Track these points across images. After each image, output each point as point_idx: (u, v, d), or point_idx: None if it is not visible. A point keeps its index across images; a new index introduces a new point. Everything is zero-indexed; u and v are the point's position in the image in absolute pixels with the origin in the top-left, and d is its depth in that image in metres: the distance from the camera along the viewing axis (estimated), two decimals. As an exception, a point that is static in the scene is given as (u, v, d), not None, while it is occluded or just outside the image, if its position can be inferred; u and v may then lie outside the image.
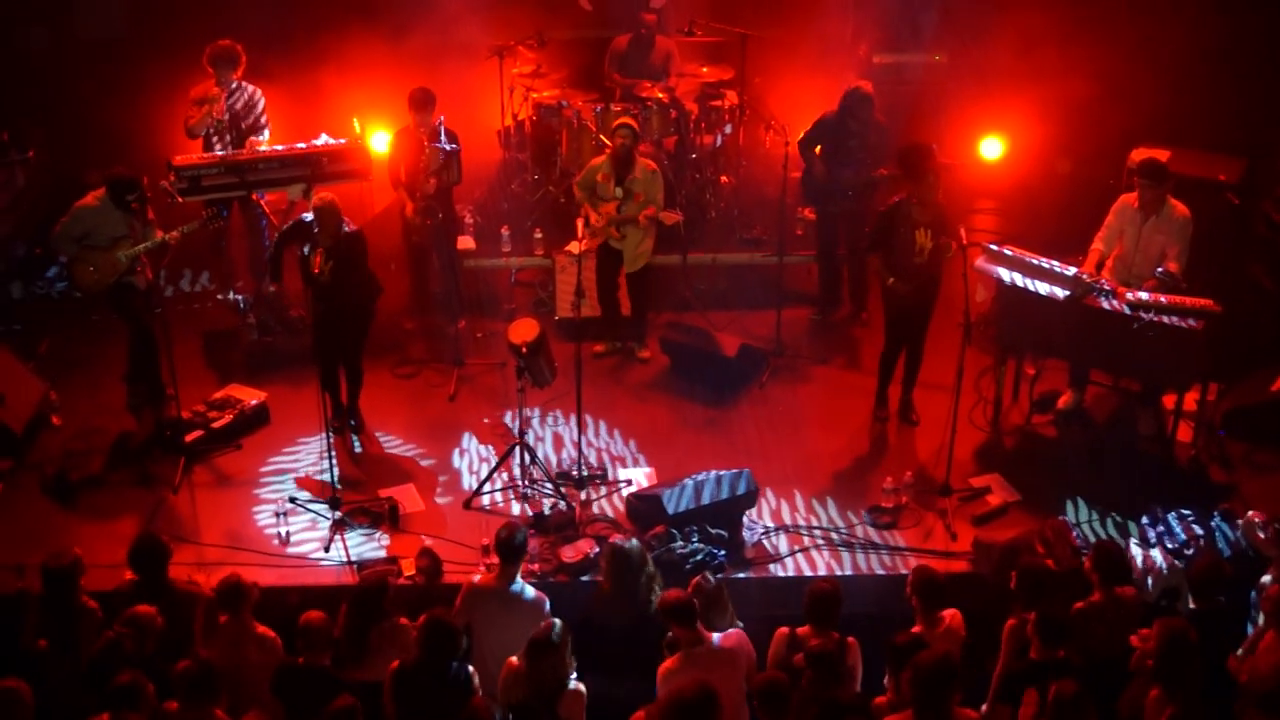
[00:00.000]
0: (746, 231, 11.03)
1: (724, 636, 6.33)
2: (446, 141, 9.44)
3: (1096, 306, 8.39)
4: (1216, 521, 7.83)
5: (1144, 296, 8.30)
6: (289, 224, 8.77)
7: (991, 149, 11.87)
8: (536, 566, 7.76)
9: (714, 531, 7.91)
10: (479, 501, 8.46)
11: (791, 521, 8.30)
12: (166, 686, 5.98)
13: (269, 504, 8.38)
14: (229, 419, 9.00)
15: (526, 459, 8.51)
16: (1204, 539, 7.62)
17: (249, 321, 10.00)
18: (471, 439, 9.08)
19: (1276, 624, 6.37)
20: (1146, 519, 7.98)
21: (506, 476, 8.61)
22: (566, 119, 10.87)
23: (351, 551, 7.96)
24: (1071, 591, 6.83)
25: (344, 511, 8.23)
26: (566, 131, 10.92)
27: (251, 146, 9.80)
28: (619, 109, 10.55)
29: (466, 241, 10.59)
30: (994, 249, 8.81)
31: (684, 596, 6.31)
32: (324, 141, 9.92)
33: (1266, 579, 6.83)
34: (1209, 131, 10.59)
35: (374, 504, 8.35)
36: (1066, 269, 8.53)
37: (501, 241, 10.69)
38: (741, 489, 8.13)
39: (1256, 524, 7.73)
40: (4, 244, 10.91)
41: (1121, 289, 8.42)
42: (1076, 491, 8.48)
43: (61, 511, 8.34)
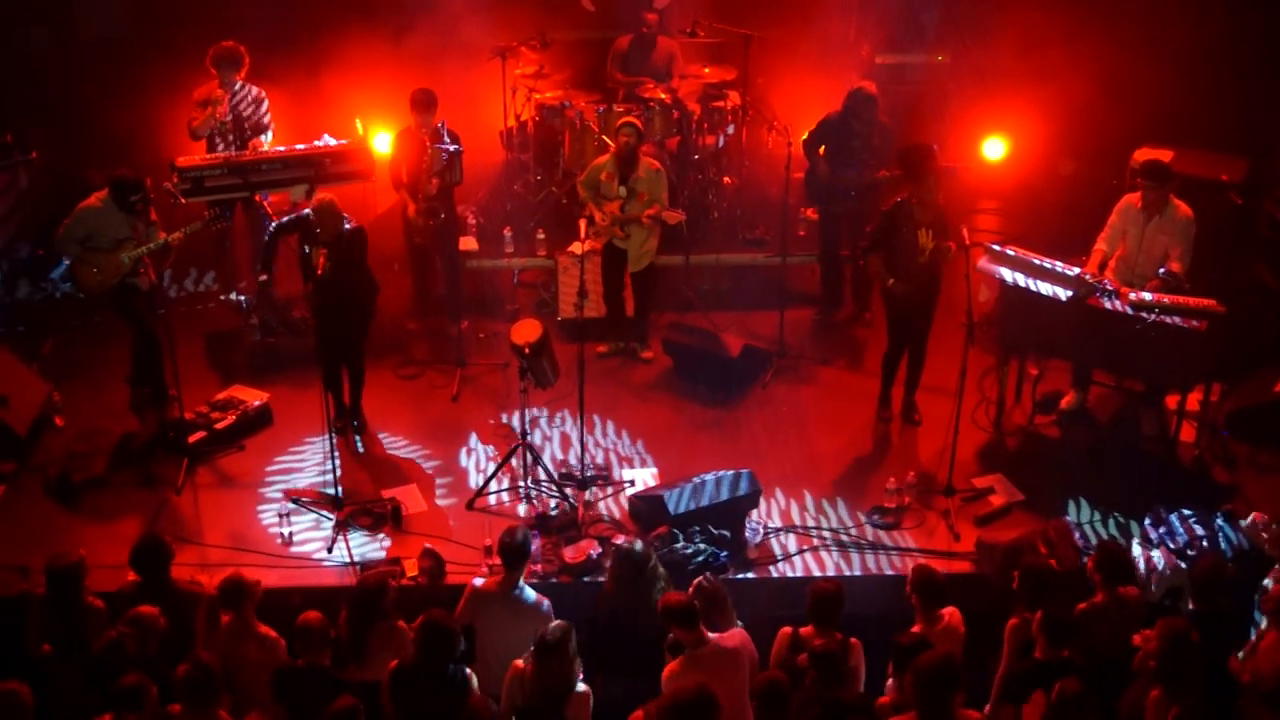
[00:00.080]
0: (749, 232, 11.02)
1: (726, 636, 6.32)
2: (449, 142, 9.44)
3: (1099, 307, 8.38)
4: (1220, 522, 7.82)
5: (1147, 297, 8.29)
6: (287, 217, 8.76)
7: (994, 149, 11.88)
8: (539, 567, 7.76)
9: (716, 532, 7.91)
10: (482, 502, 8.46)
11: (794, 522, 8.30)
12: (168, 687, 5.97)
13: (272, 505, 8.38)
14: (232, 420, 9.01)
15: (529, 459, 8.52)
16: (1207, 540, 7.61)
17: (252, 322, 10.00)
18: (474, 440, 9.08)
19: (1278, 625, 6.37)
20: (1149, 519, 7.97)
21: (509, 477, 8.62)
22: (569, 120, 10.87)
23: (354, 552, 7.96)
24: (1075, 592, 6.82)
25: (347, 512, 8.23)
26: (569, 132, 10.92)
27: (254, 147, 9.81)
28: (621, 109, 10.54)
29: (469, 242, 10.58)
30: (997, 249, 8.80)
31: (685, 599, 6.31)
32: (326, 142, 9.94)
33: (1267, 582, 6.81)
34: (1212, 131, 10.58)
35: (377, 505, 8.35)
36: (1069, 269, 8.53)
37: (504, 242, 10.69)
38: (744, 489, 8.13)
39: (1259, 525, 7.73)
40: (8, 245, 10.92)
41: (1124, 289, 8.42)
42: (1079, 492, 8.48)
43: (65, 513, 8.35)
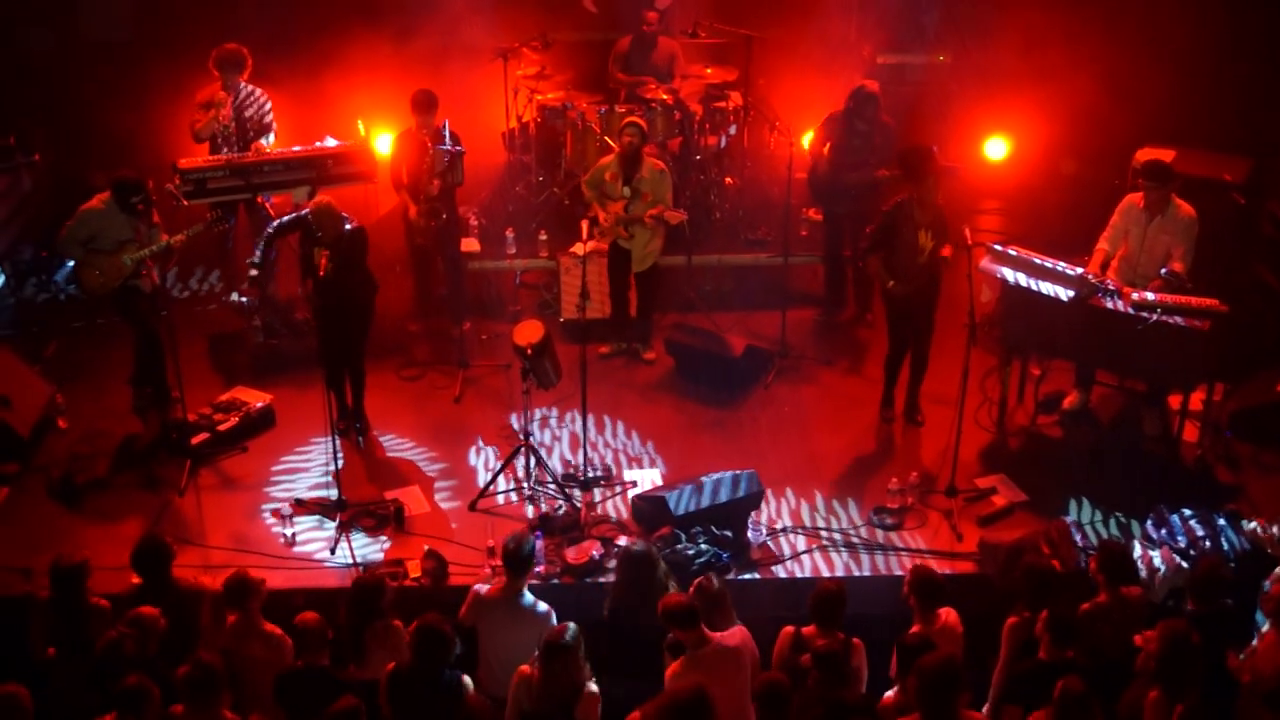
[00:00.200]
0: (751, 233, 11.02)
1: (727, 635, 6.32)
2: (451, 144, 9.44)
3: (1101, 307, 8.38)
4: (1222, 523, 7.82)
5: (1149, 297, 8.28)
6: (287, 216, 8.75)
7: (996, 149, 11.89)
8: (542, 568, 7.75)
9: (719, 533, 7.91)
10: (485, 503, 8.46)
11: (797, 522, 8.29)
12: (169, 687, 5.97)
13: (275, 505, 8.39)
14: (234, 421, 9.01)
15: (532, 460, 8.52)
16: (1209, 540, 7.61)
17: (254, 324, 10.00)
18: (477, 441, 9.08)
19: (1277, 624, 6.36)
20: (1152, 519, 7.96)
21: (512, 478, 8.62)
22: (571, 121, 10.87)
23: (357, 553, 7.96)
24: (1077, 592, 6.82)
25: (349, 514, 8.23)
26: (571, 133, 10.92)
27: (257, 149, 9.81)
28: (623, 110, 10.54)
29: (471, 244, 10.58)
30: (999, 249, 8.79)
31: (685, 600, 6.31)
32: (328, 144, 9.94)
33: (1267, 585, 6.80)
34: (1214, 131, 10.58)
35: (379, 506, 8.35)
36: (1071, 269, 8.52)
37: (506, 244, 10.69)
38: (747, 490, 8.13)
39: (1258, 529, 7.70)
40: (11, 247, 10.92)
41: (1127, 289, 8.41)
42: (1082, 492, 8.47)
43: (68, 514, 8.35)
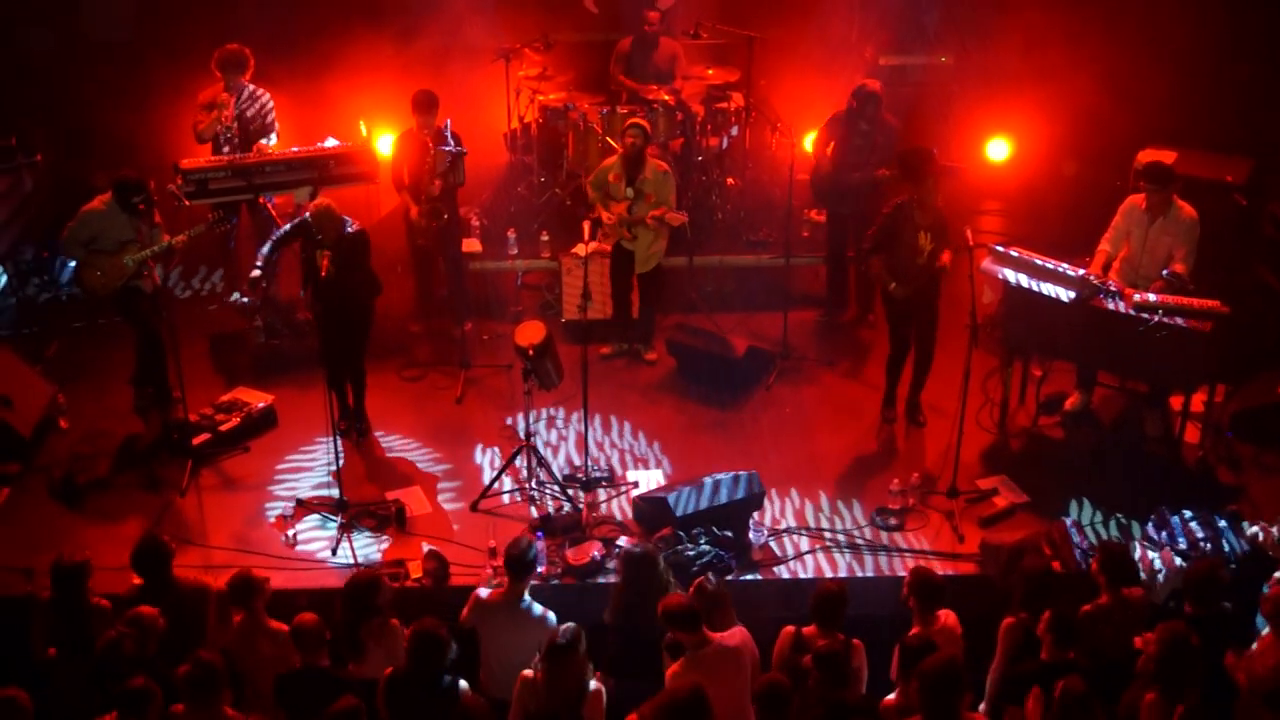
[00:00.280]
0: (753, 234, 11.02)
1: (728, 635, 6.31)
2: (452, 144, 9.44)
3: (1103, 308, 8.37)
4: (1223, 524, 7.81)
5: (1151, 298, 8.28)
6: (292, 225, 8.75)
7: (998, 150, 11.89)
8: (543, 569, 7.74)
9: (721, 533, 7.91)
10: (487, 504, 8.46)
11: (798, 523, 8.29)
12: (169, 687, 5.97)
13: (277, 505, 8.39)
14: (236, 422, 9.02)
15: (533, 461, 8.52)
16: (1210, 542, 7.60)
17: (256, 324, 10.00)
18: (478, 441, 9.08)
19: (1275, 625, 6.35)
20: (1153, 521, 7.96)
21: (513, 479, 8.62)
22: (573, 121, 10.87)
23: (359, 554, 7.97)
24: (1078, 593, 6.82)
25: (351, 514, 8.23)
26: (573, 134, 10.92)
27: (259, 150, 9.82)
28: (625, 111, 10.55)
29: (473, 244, 10.58)
30: (1000, 250, 8.79)
31: (686, 602, 6.31)
32: (330, 144, 9.94)
33: (1266, 588, 6.79)
34: (1216, 132, 10.58)
35: (381, 507, 8.35)
36: (1073, 271, 8.52)
37: (508, 244, 10.69)
38: (748, 491, 8.12)
39: (1259, 532, 7.70)
40: (12, 248, 10.93)
41: (1128, 290, 8.41)
42: (1083, 493, 8.47)
43: (69, 514, 8.35)
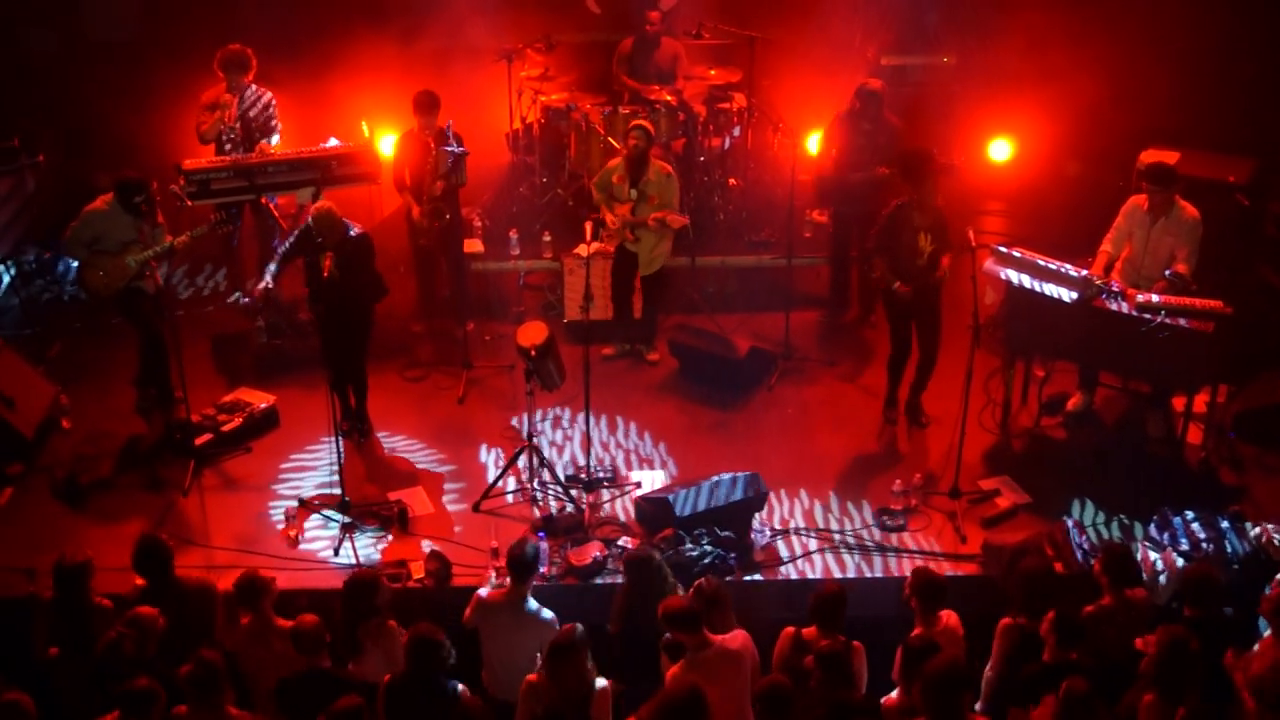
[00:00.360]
0: (755, 234, 11.02)
1: (729, 638, 6.31)
2: (454, 145, 9.44)
3: (1105, 309, 8.37)
4: (1226, 525, 7.81)
5: (1153, 298, 8.27)
6: (295, 237, 8.74)
7: (1000, 150, 11.88)
8: (545, 569, 7.74)
9: (723, 534, 7.91)
10: (488, 504, 8.46)
11: (800, 524, 8.29)
12: (170, 687, 5.97)
13: (279, 505, 8.39)
14: (238, 422, 9.02)
15: (535, 461, 8.52)
16: (1212, 543, 7.60)
17: (258, 325, 10.01)
18: (480, 442, 9.08)
19: (1275, 625, 6.34)
20: (1156, 522, 7.95)
21: (516, 479, 8.62)
22: (575, 122, 10.87)
23: (361, 554, 7.97)
24: (1080, 594, 6.81)
25: (353, 515, 8.23)
26: (575, 135, 10.92)
27: (261, 150, 9.82)
28: (627, 111, 10.55)
29: (475, 244, 10.59)
30: (1002, 251, 8.78)
31: (686, 603, 6.31)
32: (332, 145, 9.95)
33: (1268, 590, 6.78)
34: (1218, 132, 10.57)
35: (383, 507, 8.35)
36: (1075, 271, 8.51)
37: (510, 245, 10.69)
38: (751, 491, 8.12)
39: (1262, 534, 7.69)
40: (15, 248, 10.93)
41: (1130, 291, 8.40)
42: (1086, 494, 8.47)
43: (71, 515, 8.36)
